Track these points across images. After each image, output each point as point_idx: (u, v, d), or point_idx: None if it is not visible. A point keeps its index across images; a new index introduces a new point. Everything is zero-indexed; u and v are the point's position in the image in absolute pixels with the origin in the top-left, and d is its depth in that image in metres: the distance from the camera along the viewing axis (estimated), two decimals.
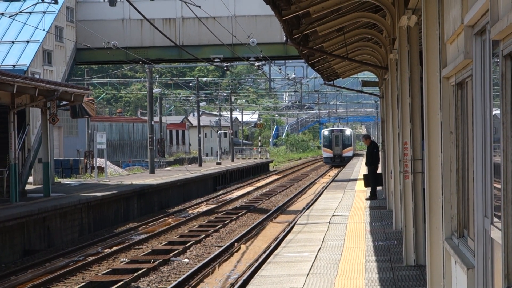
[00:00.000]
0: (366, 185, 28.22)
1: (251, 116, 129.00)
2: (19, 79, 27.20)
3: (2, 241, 23.77)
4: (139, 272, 19.78)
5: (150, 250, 23.86)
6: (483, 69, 6.51)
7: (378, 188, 28.35)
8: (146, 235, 27.70)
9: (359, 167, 54.87)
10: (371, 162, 27.02)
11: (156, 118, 77.19)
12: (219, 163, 69.51)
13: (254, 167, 72.51)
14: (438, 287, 9.32)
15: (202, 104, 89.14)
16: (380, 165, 28.22)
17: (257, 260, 21.37)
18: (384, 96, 26.28)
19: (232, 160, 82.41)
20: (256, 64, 45.12)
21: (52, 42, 40.31)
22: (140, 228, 30.90)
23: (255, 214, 34.73)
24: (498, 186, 5.62)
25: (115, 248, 24.79)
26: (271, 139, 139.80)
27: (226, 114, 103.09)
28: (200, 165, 66.24)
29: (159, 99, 79.52)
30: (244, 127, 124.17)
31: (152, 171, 51.08)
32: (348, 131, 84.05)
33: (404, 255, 14.26)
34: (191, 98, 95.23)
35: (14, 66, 36.86)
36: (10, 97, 28.96)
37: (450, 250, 8.16)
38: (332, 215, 23.31)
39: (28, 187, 36.54)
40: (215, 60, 42.28)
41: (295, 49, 21.78)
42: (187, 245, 24.59)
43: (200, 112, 78.68)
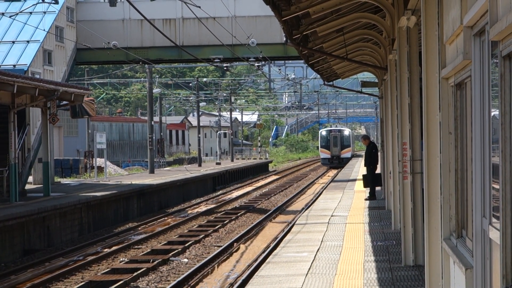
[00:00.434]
0: (365, 185, 28.24)
1: (250, 117, 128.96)
2: (20, 79, 27.21)
3: (2, 240, 23.79)
4: (139, 271, 19.79)
5: (149, 250, 23.88)
6: (482, 69, 6.53)
7: (377, 188, 28.36)
8: (145, 235, 27.72)
9: (359, 167, 54.86)
10: (370, 163, 27.03)
11: (156, 118, 77.19)
12: (218, 163, 69.51)
13: (254, 167, 72.52)
14: (436, 287, 9.34)
15: (202, 104, 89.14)
16: (379, 165, 28.23)
17: (256, 260, 21.38)
18: (384, 96, 26.30)
19: (232, 160, 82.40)
20: (256, 64, 45.13)
21: (53, 42, 40.32)
22: (139, 228, 30.92)
23: (254, 214, 34.75)
24: (497, 186, 5.64)
25: (114, 247, 24.80)
26: (270, 140, 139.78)
27: (225, 114, 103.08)
28: (199, 165, 66.23)
29: (159, 99, 79.51)
30: (243, 128, 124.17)
31: (151, 171, 51.09)
32: (346, 131, 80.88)
33: (403, 255, 14.28)
34: (191, 98, 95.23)
35: (15, 66, 36.87)
36: (11, 97, 28.98)
37: (449, 250, 8.18)
38: (331, 215, 23.32)
39: (28, 186, 36.54)
40: (215, 60, 42.29)
41: (295, 49, 21.79)
42: (187, 245, 24.60)
43: (200, 112, 78.67)
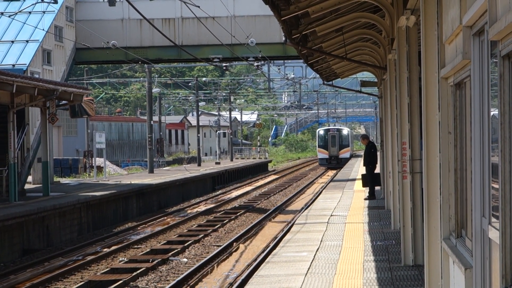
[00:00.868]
0: (364, 185, 28.23)
1: (250, 116, 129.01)
2: (19, 78, 27.20)
3: (1, 240, 23.78)
4: (138, 271, 19.78)
5: (149, 250, 23.87)
6: (481, 69, 6.53)
7: (377, 188, 28.36)
8: (145, 235, 27.72)
9: (358, 167, 54.85)
10: (369, 162, 27.04)
11: (155, 118, 77.23)
12: (218, 163, 69.52)
13: (253, 167, 72.52)
14: (436, 287, 9.34)
15: (201, 104, 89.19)
16: (378, 165, 28.23)
17: (255, 259, 21.38)
18: (383, 96, 26.29)
19: (231, 159, 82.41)
20: (255, 64, 45.14)
21: (52, 41, 40.31)
22: (139, 228, 30.92)
23: (253, 213, 34.75)
24: (496, 186, 5.64)
25: (114, 247, 24.80)
26: (270, 139, 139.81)
27: (225, 114, 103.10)
28: (199, 164, 66.23)
29: (158, 99, 79.52)
30: (243, 127, 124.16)
31: (151, 171, 51.09)
32: (345, 131, 77.55)
33: (402, 255, 14.28)
34: (190, 98, 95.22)
35: (14, 65, 36.86)
36: (10, 96, 28.97)
37: (448, 250, 8.18)
38: (331, 215, 23.31)
39: (27, 186, 36.54)
40: (214, 60, 42.28)
41: (294, 49, 21.80)
42: (186, 244, 24.60)
43: (199, 112, 78.66)
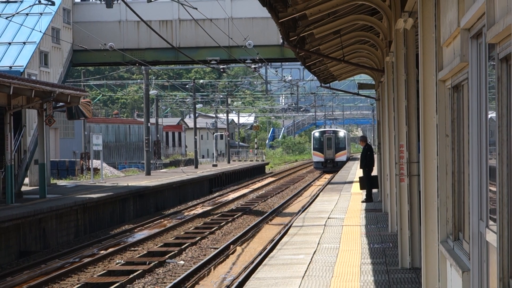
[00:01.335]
0: (362, 187, 28.23)
1: (247, 118, 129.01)
2: (16, 80, 27.18)
3: None
4: (135, 274, 19.77)
5: (145, 252, 23.86)
6: (479, 72, 6.52)
7: (374, 190, 28.36)
8: (141, 237, 27.68)
9: (355, 169, 54.85)
10: (365, 165, 27.04)
11: (153, 120, 77.14)
12: (215, 165, 69.50)
13: (250, 169, 72.50)
14: None
15: (198, 106, 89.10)
16: (376, 167, 28.23)
17: (252, 262, 21.36)
18: (381, 98, 26.29)
19: (228, 162, 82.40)
20: (253, 66, 45.11)
21: (49, 43, 40.29)
22: (136, 230, 30.89)
23: (251, 216, 34.73)
24: (494, 189, 5.63)
25: (110, 249, 24.78)
26: (267, 141, 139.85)
27: (222, 116, 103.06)
28: (196, 167, 66.22)
29: (155, 101, 79.44)
30: (240, 129, 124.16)
31: (148, 173, 51.06)
32: (341, 133, 74.50)
33: (400, 257, 14.27)
34: (188, 100, 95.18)
35: (11, 67, 36.83)
36: (7, 98, 28.94)
37: (446, 253, 8.17)
38: (328, 218, 23.31)
39: (24, 188, 36.49)
40: (212, 62, 42.27)
41: (292, 51, 21.78)
42: (183, 247, 24.58)
43: (197, 114, 78.64)
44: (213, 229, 29.31)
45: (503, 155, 5.04)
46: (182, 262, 22.14)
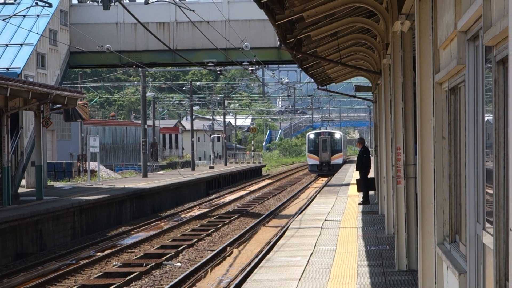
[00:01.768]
0: (359, 190, 28.24)
1: (244, 121, 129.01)
2: (13, 82, 27.16)
3: None
4: (132, 275, 19.76)
5: (142, 254, 23.84)
6: (476, 74, 6.53)
7: (371, 193, 28.37)
8: (138, 239, 27.67)
9: (352, 172, 54.84)
10: (361, 167, 27.05)
11: (150, 122, 77.09)
12: (212, 167, 69.48)
13: (247, 172, 72.48)
14: None
15: (195, 108, 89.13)
16: (372, 170, 28.23)
17: (249, 264, 21.36)
18: (377, 101, 26.32)
19: (225, 164, 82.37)
20: (250, 68, 45.12)
21: (46, 45, 40.27)
22: (132, 232, 30.88)
23: (247, 218, 34.72)
24: (490, 191, 5.64)
25: (107, 251, 24.77)
26: (264, 144, 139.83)
27: (219, 118, 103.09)
28: (193, 169, 66.20)
29: (152, 103, 79.42)
30: (237, 132, 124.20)
31: (145, 175, 51.02)
32: (337, 134, 71.57)
33: (396, 260, 14.28)
34: (185, 102, 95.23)
35: (8, 69, 36.81)
36: (4, 100, 28.93)
37: (442, 255, 8.18)
38: (325, 220, 23.31)
39: (20, 190, 36.47)
40: (209, 64, 42.28)
41: (289, 53, 21.80)
42: (180, 249, 24.57)
43: (194, 116, 78.61)
44: (210, 231, 29.30)
45: (500, 158, 5.05)
46: (179, 264, 22.13)
